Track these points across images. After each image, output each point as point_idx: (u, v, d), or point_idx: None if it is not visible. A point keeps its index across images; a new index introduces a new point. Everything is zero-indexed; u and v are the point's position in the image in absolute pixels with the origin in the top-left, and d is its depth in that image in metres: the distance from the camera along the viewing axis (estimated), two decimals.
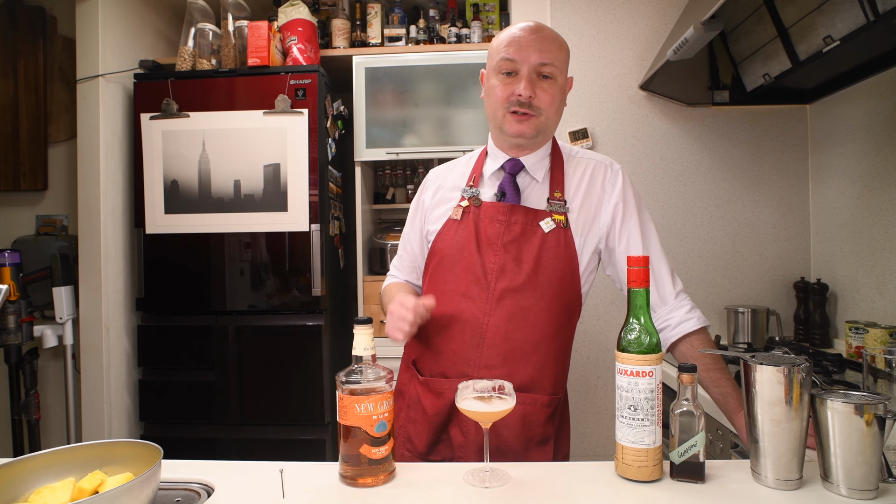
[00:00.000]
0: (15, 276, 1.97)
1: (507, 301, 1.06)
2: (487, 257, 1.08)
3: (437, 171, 1.28)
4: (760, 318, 2.03)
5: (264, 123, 2.14)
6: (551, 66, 1.07)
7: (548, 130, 1.12)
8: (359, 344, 0.88)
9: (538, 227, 1.08)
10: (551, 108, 1.09)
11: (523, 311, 1.06)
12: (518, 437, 1.06)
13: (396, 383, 1.21)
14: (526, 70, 1.06)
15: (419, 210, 1.26)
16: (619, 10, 2.26)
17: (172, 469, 0.92)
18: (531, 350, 1.07)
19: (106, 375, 2.17)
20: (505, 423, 1.03)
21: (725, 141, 2.24)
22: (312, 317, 2.15)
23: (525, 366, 1.06)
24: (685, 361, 1.11)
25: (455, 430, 1.08)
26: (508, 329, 1.06)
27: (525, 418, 1.06)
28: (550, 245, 1.08)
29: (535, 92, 1.06)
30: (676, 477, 0.85)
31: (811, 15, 1.56)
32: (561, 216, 1.09)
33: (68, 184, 2.50)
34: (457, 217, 1.13)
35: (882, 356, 0.94)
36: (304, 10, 2.27)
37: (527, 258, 1.07)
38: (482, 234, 1.10)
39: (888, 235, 1.77)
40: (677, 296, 1.12)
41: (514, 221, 1.09)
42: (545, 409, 1.08)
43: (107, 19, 2.21)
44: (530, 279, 1.06)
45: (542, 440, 1.08)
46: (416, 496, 0.83)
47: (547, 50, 1.07)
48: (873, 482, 0.77)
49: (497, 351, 1.06)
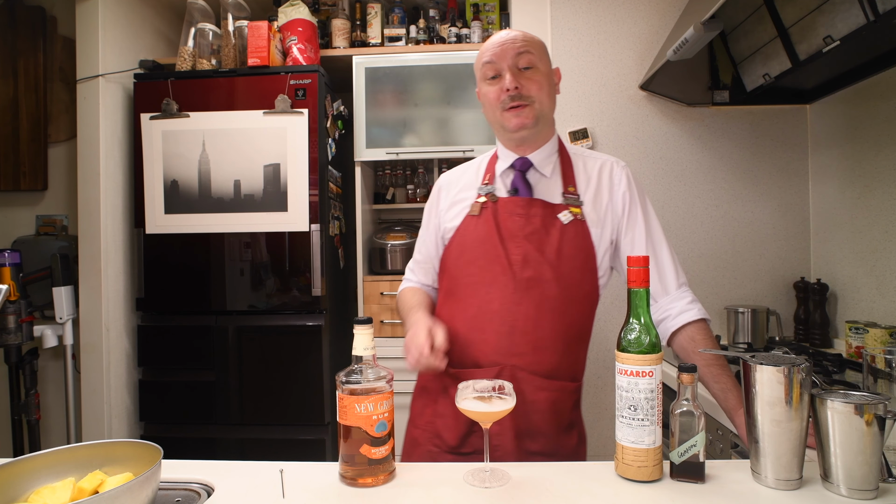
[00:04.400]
0: (15, 276, 1.97)
1: (533, 291, 1.09)
2: (511, 249, 1.11)
3: (448, 175, 1.31)
4: (760, 318, 2.02)
5: (264, 123, 2.14)
6: (527, 54, 1.12)
7: (545, 117, 1.16)
8: (359, 344, 0.88)
9: (556, 220, 1.12)
10: (541, 93, 1.12)
11: (549, 301, 1.09)
12: (549, 423, 1.10)
13: (418, 380, 1.26)
14: (506, 66, 1.11)
15: (434, 211, 1.28)
16: (619, 10, 2.26)
17: (172, 469, 0.92)
18: (558, 338, 1.10)
19: (106, 375, 2.17)
20: (536, 409, 1.08)
21: (725, 141, 2.24)
22: (312, 317, 2.15)
23: (553, 353, 1.10)
24: (683, 355, 1.13)
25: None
26: (537, 317, 1.09)
27: (554, 404, 1.10)
28: (570, 236, 1.11)
29: (520, 83, 1.11)
30: (676, 477, 0.86)
31: (811, 15, 1.56)
32: (577, 209, 1.13)
33: (68, 184, 2.50)
34: (475, 213, 1.16)
35: (882, 356, 0.94)
36: (304, 10, 2.27)
37: (549, 249, 1.10)
38: (503, 227, 1.13)
39: (888, 235, 1.77)
40: (679, 287, 1.15)
41: (533, 214, 1.12)
42: (572, 396, 1.13)
43: (107, 19, 2.21)
44: (554, 269, 1.10)
45: (569, 425, 1.13)
46: (416, 496, 0.83)
47: (520, 45, 1.12)
48: (873, 482, 0.77)
49: (527, 339, 1.09)
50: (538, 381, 1.08)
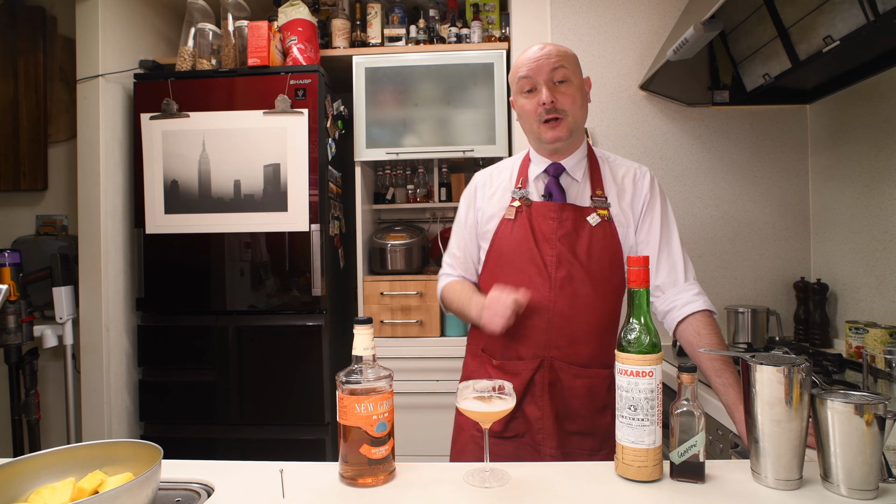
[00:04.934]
0: (15, 276, 1.97)
1: (567, 289, 1.18)
2: (545, 250, 1.20)
3: (483, 175, 1.37)
4: (760, 318, 2.02)
5: (264, 123, 2.14)
6: (562, 69, 1.19)
7: (578, 129, 1.24)
8: (359, 344, 0.88)
9: (586, 222, 1.20)
10: (574, 106, 1.20)
11: (582, 297, 1.18)
12: (585, 406, 1.20)
13: (463, 373, 1.36)
14: (542, 80, 1.19)
15: (472, 207, 1.35)
16: (619, 10, 2.26)
17: (172, 469, 0.92)
18: (591, 331, 1.19)
19: (106, 375, 2.17)
20: (575, 395, 1.19)
21: (725, 141, 2.24)
22: (312, 317, 2.15)
23: (587, 345, 1.19)
24: (688, 349, 1.16)
25: (531, 406, 1.20)
26: (572, 313, 1.18)
27: (591, 390, 1.19)
28: (598, 237, 1.20)
29: (555, 97, 1.18)
30: (676, 477, 0.86)
31: (811, 15, 1.56)
32: (605, 211, 1.22)
33: (68, 184, 2.50)
34: (511, 217, 1.24)
35: (882, 356, 0.94)
36: (304, 10, 2.27)
37: (580, 250, 1.19)
38: (538, 231, 1.21)
39: (888, 235, 1.77)
40: (688, 279, 1.22)
41: (565, 218, 1.20)
42: (605, 381, 1.21)
43: (107, 19, 2.21)
44: (585, 268, 1.18)
45: (603, 407, 1.20)
46: (416, 496, 0.83)
47: (555, 59, 1.19)
48: (873, 482, 0.77)
49: (563, 332, 1.18)
50: (575, 370, 1.18)
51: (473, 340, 1.35)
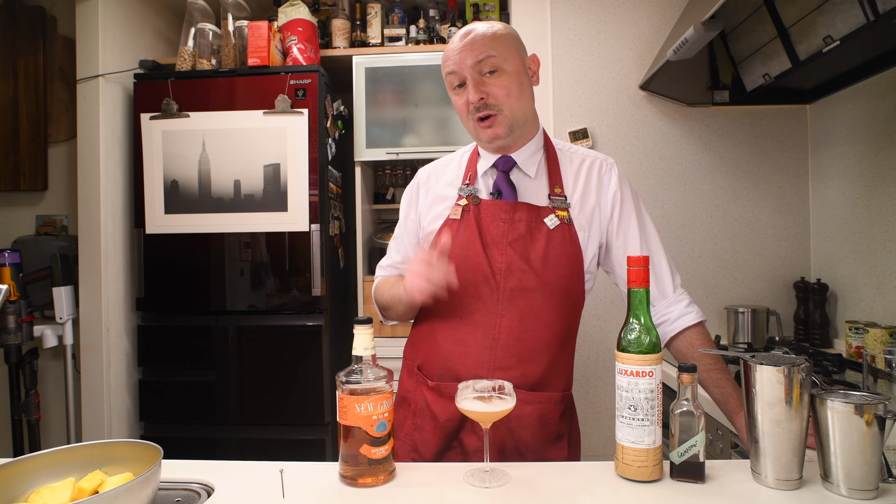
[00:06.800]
0: (15, 276, 1.96)
1: (517, 301, 1.04)
2: (494, 256, 1.06)
3: (428, 169, 1.23)
4: (760, 318, 2.02)
5: (264, 123, 2.14)
6: (491, 58, 1.04)
7: (520, 121, 1.08)
8: (359, 344, 0.88)
9: (542, 224, 1.06)
10: (510, 98, 1.05)
11: (534, 311, 1.04)
12: (536, 437, 1.06)
13: (399, 390, 1.19)
14: (468, 75, 1.05)
15: (412, 209, 1.22)
16: (619, 10, 2.26)
17: (172, 469, 0.92)
18: (543, 349, 1.05)
19: (106, 375, 2.17)
20: (522, 424, 1.04)
21: (725, 141, 2.24)
22: (312, 317, 2.15)
23: (538, 365, 1.05)
24: (684, 360, 1.12)
25: (469, 437, 1.06)
26: (521, 329, 1.04)
27: (542, 417, 1.06)
28: (556, 242, 1.06)
29: (483, 91, 1.04)
30: (676, 477, 0.85)
31: (811, 15, 1.56)
32: (564, 212, 1.08)
33: (68, 184, 2.50)
34: (456, 216, 1.10)
35: (882, 356, 0.94)
36: (304, 10, 2.27)
37: (534, 256, 1.05)
38: (486, 234, 1.07)
39: (888, 235, 1.77)
40: (675, 290, 1.13)
41: (517, 219, 1.07)
42: (559, 406, 1.08)
43: (107, 19, 2.21)
44: (539, 277, 1.04)
45: (557, 437, 1.08)
46: (416, 496, 0.83)
47: (479, 47, 1.04)
48: (873, 482, 0.77)
49: (511, 352, 1.04)
50: (523, 395, 1.02)
51: (409, 355, 1.19)
